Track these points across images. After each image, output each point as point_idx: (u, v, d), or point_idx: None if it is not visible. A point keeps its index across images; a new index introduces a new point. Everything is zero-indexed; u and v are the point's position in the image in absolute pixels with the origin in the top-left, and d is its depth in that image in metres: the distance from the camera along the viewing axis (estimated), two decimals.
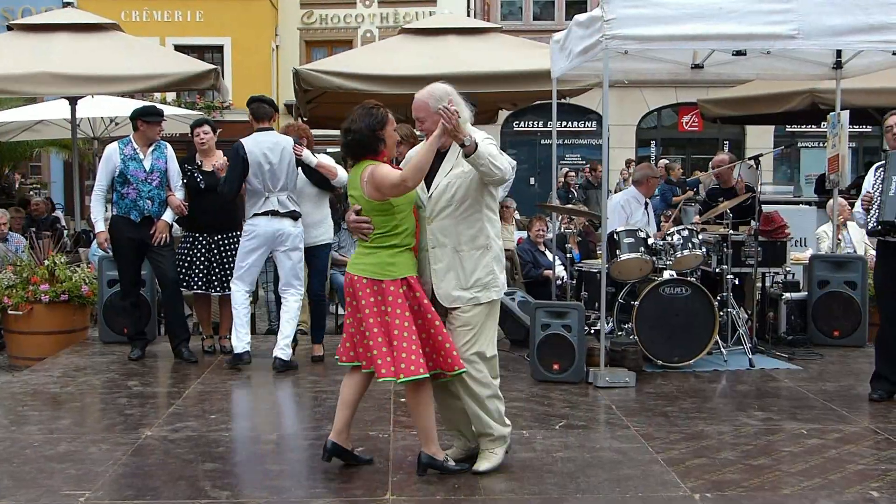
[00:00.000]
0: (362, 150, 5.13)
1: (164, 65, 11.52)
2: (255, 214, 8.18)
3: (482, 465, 5.32)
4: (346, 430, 5.36)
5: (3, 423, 6.54)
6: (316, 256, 8.62)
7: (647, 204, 9.30)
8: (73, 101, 12.78)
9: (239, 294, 8.28)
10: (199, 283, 8.78)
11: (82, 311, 9.60)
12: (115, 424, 6.49)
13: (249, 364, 8.24)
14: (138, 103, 10.41)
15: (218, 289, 8.82)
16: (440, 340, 5.05)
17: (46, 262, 9.29)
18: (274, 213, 8.12)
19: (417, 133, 5.47)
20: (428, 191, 5.18)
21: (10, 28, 12.43)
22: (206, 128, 8.90)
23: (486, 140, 5.05)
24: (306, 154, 8.19)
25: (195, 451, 5.83)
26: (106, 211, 8.77)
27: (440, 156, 5.14)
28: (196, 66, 11.33)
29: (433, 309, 5.10)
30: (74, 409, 7.02)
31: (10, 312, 9.07)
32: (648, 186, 9.36)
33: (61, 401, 7.23)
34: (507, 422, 5.43)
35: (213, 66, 11.12)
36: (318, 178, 8.34)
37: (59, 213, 17.31)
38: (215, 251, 8.77)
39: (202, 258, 8.76)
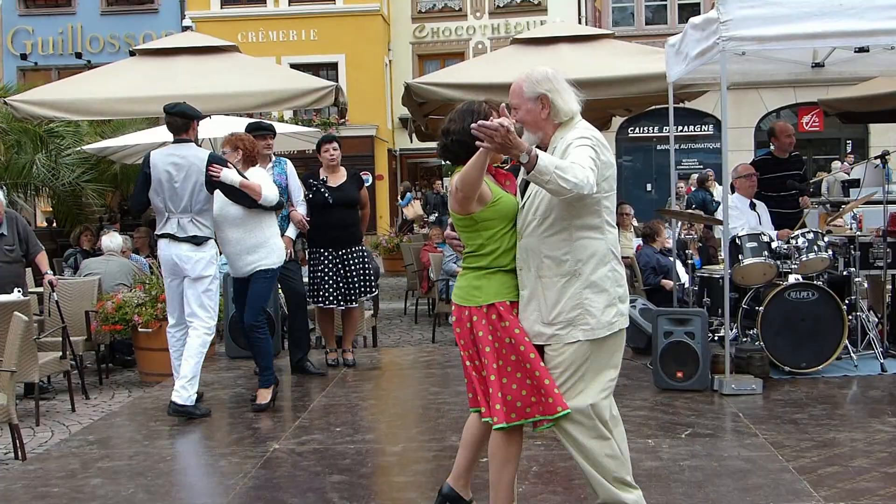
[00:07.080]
0: (464, 154, 4.13)
1: (283, 83, 11.70)
2: (158, 236, 7.54)
3: None
4: (465, 475, 4.60)
5: (136, 438, 6.76)
6: (249, 285, 7.67)
7: (753, 204, 9.02)
8: None
9: (170, 332, 7.67)
10: (332, 298, 8.86)
11: None
12: (244, 438, 6.63)
13: (202, 415, 7.25)
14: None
15: (342, 302, 8.92)
16: (538, 377, 4.16)
17: None
18: (172, 238, 7.37)
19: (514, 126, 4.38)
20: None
21: (132, 53, 12.80)
22: (335, 144, 9.05)
23: (579, 141, 4.11)
24: (226, 173, 7.26)
25: (322, 463, 5.92)
26: None
27: None
28: (315, 83, 11.45)
29: (527, 341, 4.21)
30: (204, 424, 7.16)
31: (140, 330, 9.31)
32: (741, 188, 9.06)
33: None
34: (630, 484, 4.41)
35: (332, 84, 11.22)
36: (245, 199, 7.39)
37: None
38: (340, 266, 8.86)
39: (332, 273, 8.86)
